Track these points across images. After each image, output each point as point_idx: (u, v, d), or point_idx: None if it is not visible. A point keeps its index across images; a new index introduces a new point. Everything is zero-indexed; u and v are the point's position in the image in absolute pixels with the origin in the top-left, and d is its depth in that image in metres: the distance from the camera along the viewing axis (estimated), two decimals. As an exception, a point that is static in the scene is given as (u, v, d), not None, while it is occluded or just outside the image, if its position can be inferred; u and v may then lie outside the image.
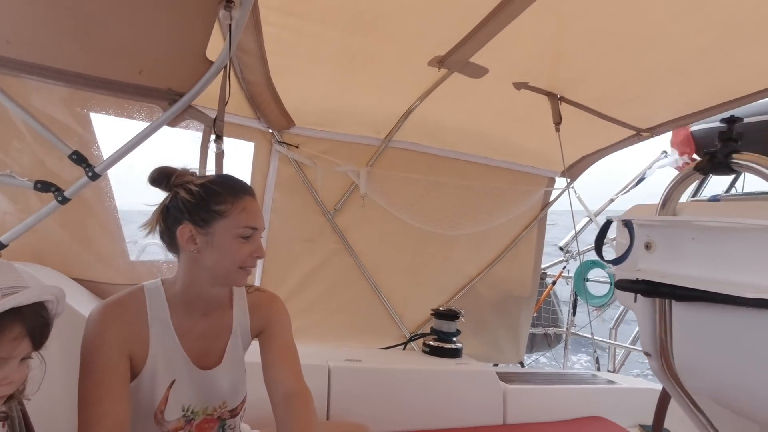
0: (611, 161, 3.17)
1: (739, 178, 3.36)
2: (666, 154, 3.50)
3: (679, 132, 3.28)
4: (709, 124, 3.04)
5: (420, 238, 2.73)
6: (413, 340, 2.71)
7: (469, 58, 1.78)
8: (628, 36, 1.60)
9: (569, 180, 2.99)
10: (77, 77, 1.37)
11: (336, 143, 2.50)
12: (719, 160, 0.91)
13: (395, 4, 1.48)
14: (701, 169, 0.94)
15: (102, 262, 1.84)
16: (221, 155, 1.53)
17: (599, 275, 3.60)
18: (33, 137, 1.59)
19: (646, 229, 1.03)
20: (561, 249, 3.88)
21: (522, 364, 3.34)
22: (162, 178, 1.05)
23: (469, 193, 2.81)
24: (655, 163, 3.58)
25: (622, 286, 1.02)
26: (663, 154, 3.60)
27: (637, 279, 0.97)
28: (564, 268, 3.88)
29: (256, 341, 1.22)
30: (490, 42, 1.64)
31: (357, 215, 2.59)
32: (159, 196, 1.08)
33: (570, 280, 3.78)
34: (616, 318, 3.57)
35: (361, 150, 2.55)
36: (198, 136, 1.68)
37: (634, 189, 3.83)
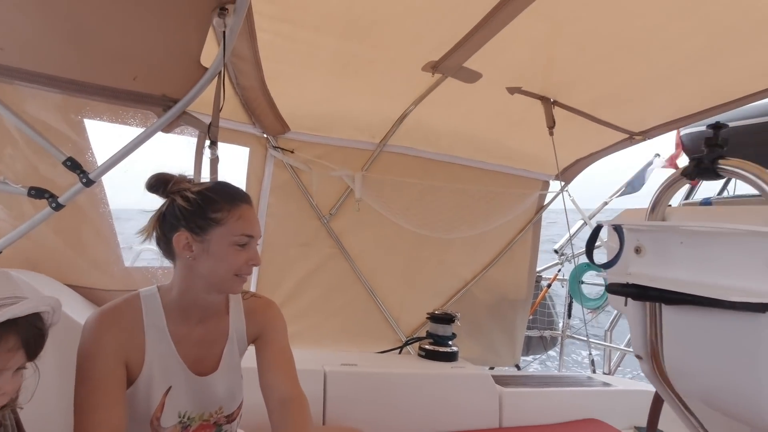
0: (606, 163, 3.19)
1: (731, 180, 3.39)
2: (658, 156, 3.53)
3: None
4: (700, 127, 3.06)
5: (415, 241, 2.74)
6: (409, 344, 2.71)
7: (463, 63, 1.79)
8: (619, 41, 1.62)
9: (563, 183, 3.01)
10: (71, 84, 1.37)
11: (331, 148, 2.50)
12: (705, 165, 0.92)
13: (389, 10, 1.49)
14: (688, 175, 0.96)
15: (97, 268, 1.83)
16: (216, 161, 1.53)
17: (594, 278, 3.62)
18: (27, 144, 1.59)
19: (635, 234, 1.04)
20: (556, 252, 3.89)
21: (518, 367, 3.35)
22: (159, 184, 1.06)
23: (464, 197, 2.82)
24: (648, 167, 3.61)
25: (612, 289, 1.03)
26: (656, 156, 3.63)
27: (627, 283, 0.99)
28: (559, 270, 3.89)
29: (252, 346, 1.22)
30: (483, 47, 1.65)
31: (352, 220, 2.60)
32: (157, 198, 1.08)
33: (565, 282, 3.79)
34: (611, 320, 3.58)
35: (356, 154, 2.56)
36: (193, 141, 1.68)
37: (621, 198, 3.86)
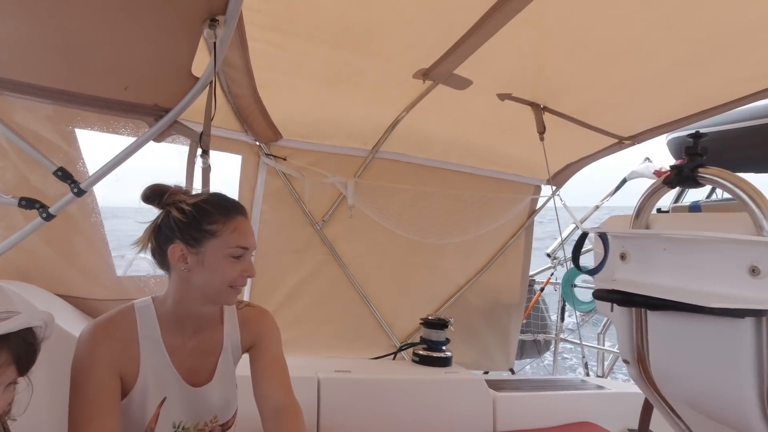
0: (597, 168, 3.22)
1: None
2: (648, 159, 3.56)
3: None
4: (690, 130, 3.10)
5: (408, 247, 2.74)
6: (403, 350, 2.72)
7: (453, 70, 1.81)
8: (606, 49, 1.65)
9: (555, 187, 3.03)
10: (62, 94, 1.37)
11: (323, 155, 2.51)
12: (686, 174, 0.94)
13: (379, 20, 1.51)
14: (669, 183, 0.98)
15: (88, 278, 1.82)
16: (208, 170, 1.53)
17: (586, 281, 3.64)
18: (17, 154, 1.58)
19: (620, 240, 1.06)
20: (548, 255, 3.91)
21: (512, 371, 3.36)
22: (155, 196, 1.06)
23: (457, 202, 2.83)
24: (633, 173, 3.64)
25: (598, 295, 1.04)
26: (646, 160, 3.66)
27: (613, 289, 1.00)
28: (552, 274, 3.92)
29: (246, 355, 1.22)
30: (473, 55, 1.67)
31: (345, 226, 2.60)
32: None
33: (558, 286, 3.82)
34: (603, 323, 3.60)
35: (349, 161, 2.57)
36: (184, 150, 1.68)
37: (620, 195, 3.87)
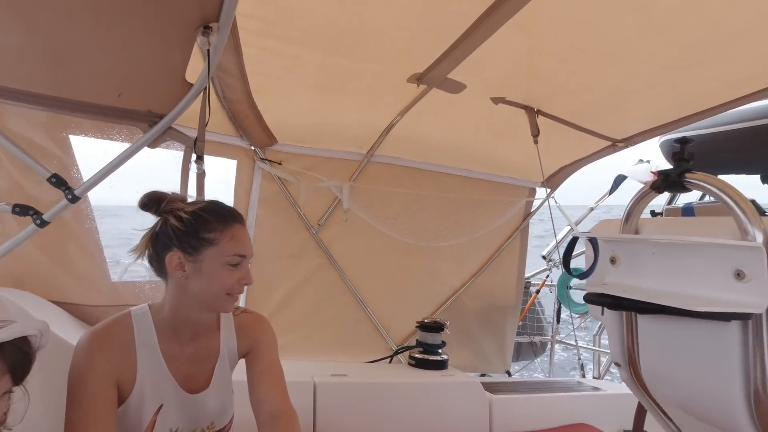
0: (594, 168, 3.23)
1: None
2: (641, 161, 3.58)
3: None
4: (683, 133, 3.12)
5: (404, 251, 2.75)
6: (399, 353, 2.72)
7: (447, 74, 1.82)
8: (598, 53, 1.66)
9: (549, 190, 3.05)
10: (56, 101, 1.37)
11: (318, 159, 2.52)
12: (673, 179, 0.95)
13: (373, 25, 1.52)
14: (657, 188, 0.99)
15: (83, 284, 1.82)
16: (202, 175, 1.54)
17: (581, 283, 3.66)
18: (11, 161, 1.58)
19: (611, 244, 1.07)
20: (544, 258, 3.93)
21: (509, 373, 3.37)
22: (152, 203, 1.06)
23: (452, 206, 2.84)
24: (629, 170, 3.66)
25: (589, 299, 1.06)
26: (639, 162, 3.68)
27: (603, 293, 1.01)
28: (547, 276, 3.93)
29: (242, 360, 1.23)
30: (466, 59, 1.68)
31: (341, 230, 2.61)
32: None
33: (553, 288, 3.83)
34: (599, 325, 3.62)
35: (344, 165, 2.58)
36: (179, 155, 1.68)
37: (618, 193, 3.87)
